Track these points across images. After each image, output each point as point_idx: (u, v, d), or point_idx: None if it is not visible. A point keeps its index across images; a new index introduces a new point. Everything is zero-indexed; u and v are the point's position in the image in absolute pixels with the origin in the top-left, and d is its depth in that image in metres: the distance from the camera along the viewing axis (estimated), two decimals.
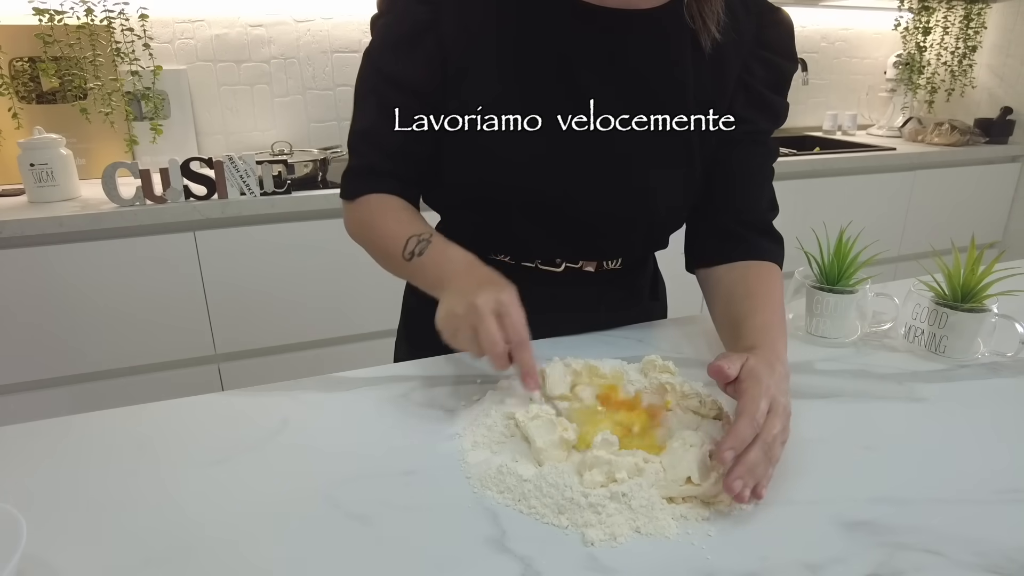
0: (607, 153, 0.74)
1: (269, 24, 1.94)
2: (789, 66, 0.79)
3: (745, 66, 0.76)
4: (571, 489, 0.52)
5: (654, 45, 0.73)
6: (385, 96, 0.75)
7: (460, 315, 0.61)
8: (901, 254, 2.41)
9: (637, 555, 0.47)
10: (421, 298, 0.72)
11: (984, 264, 0.77)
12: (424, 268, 0.70)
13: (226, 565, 0.47)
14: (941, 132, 2.42)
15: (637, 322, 0.89)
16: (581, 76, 0.72)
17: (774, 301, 0.73)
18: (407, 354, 0.86)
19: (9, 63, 1.67)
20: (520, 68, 0.72)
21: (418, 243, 0.71)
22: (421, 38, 0.72)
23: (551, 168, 0.74)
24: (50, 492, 0.54)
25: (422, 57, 0.72)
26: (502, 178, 0.75)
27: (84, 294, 1.48)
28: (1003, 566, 0.46)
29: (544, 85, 0.72)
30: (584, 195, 0.75)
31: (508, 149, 0.73)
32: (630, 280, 0.88)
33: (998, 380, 0.73)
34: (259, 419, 0.65)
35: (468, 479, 0.55)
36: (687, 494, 0.52)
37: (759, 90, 0.78)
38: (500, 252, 0.81)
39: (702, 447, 0.53)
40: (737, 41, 0.75)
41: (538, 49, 0.72)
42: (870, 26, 2.77)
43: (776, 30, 0.77)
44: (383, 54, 0.74)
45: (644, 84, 0.73)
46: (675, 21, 0.72)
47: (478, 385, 0.71)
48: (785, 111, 0.81)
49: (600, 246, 0.81)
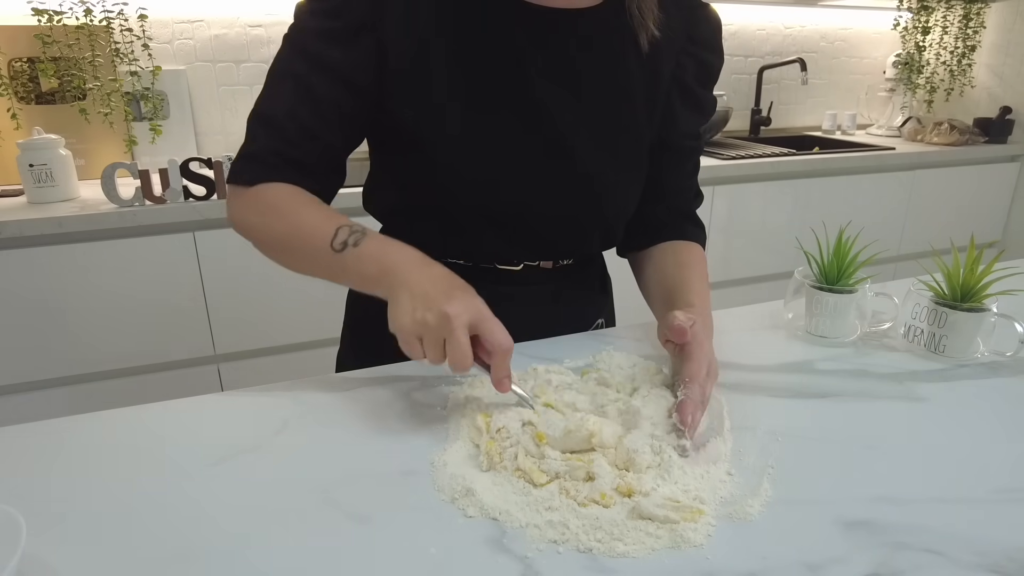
0: (562, 157, 0.74)
1: (268, 24, 1.94)
2: (717, 61, 0.82)
3: (678, 62, 0.78)
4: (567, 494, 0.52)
5: (600, 44, 0.73)
6: (307, 79, 0.69)
7: (431, 324, 0.57)
8: (901, 254, 2.42)
9: (637, 555, 0.47)
10: (366, 303, 0.70)
11: (983, 264, 0.77)
12: (361, 260, 0.64)
13: (226, 565, 0.47)
14: (940, 132, 2.42)
15: (591, 316, 0.91)
16: (532, 80, 0.71)
17: (702, 272, 0.80)
18: (354, 364, 0.78)
19: (8, 63, 1.67)
20: (468, 73, 0.71)
21: (351, 233, 0.65)
22: (359, 35, 0.69)
23: (504, 173, 0.74)
24: (50, 492, 0.54)
25: (358, 52, 0.69)
26: (456, 186, 0.74)
27: (84, 294, 1.48)
28: (1003, 566, 0.46)
29: (494, 91, 0.71)
30: (540, 199, 0.75)
31: (461, 157, 0.72)
32: (583, 275, 0.89)
33: (998, 380, 0.73)
34: (259, 419, 0.65)
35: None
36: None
37: (690, 86, 0.80)
38: (457, 256, 0.79)
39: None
40: (669, 37, 0.76)
41: (486, 53, 0.71)
42: (869, 26, 2.77)
43: (705, 26, 0.79)
44: (314, 38, 0.69)
45: (594, 84, 0.74)
46: (617, 20, 0.73)
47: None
48: (713, 106, 0.85)
49: (558, 246, 0.82)
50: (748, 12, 2.52)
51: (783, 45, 2.65)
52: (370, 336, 0.88)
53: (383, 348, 0.76)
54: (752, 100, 2.63)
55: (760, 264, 2.18)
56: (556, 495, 0.52)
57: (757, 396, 0.69)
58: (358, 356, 0.83)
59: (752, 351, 0.79)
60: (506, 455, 0.56)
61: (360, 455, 0.59)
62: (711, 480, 0.54)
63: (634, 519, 0.50)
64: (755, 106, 2.62)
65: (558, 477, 0.54)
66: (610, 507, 0.51)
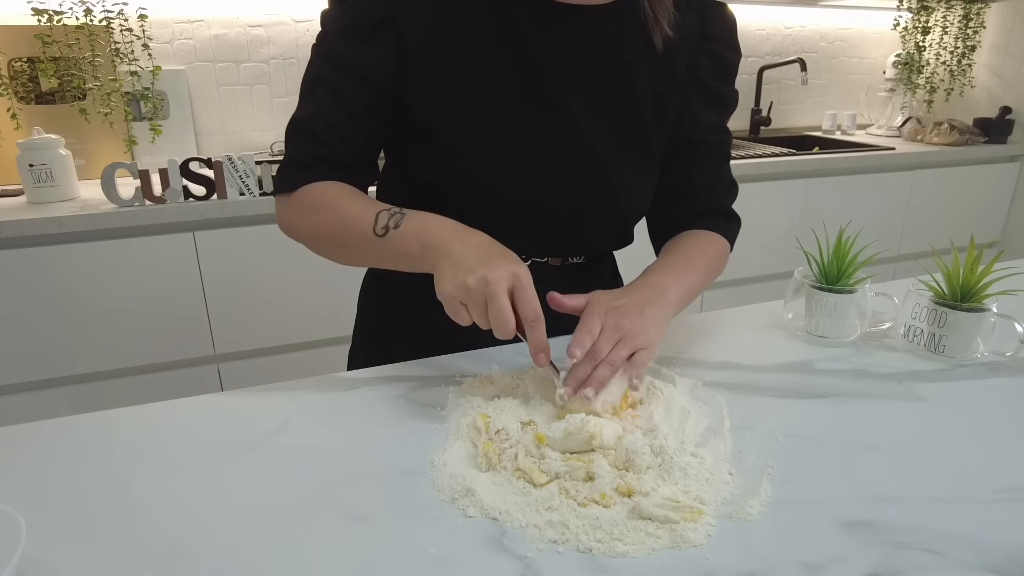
0: (576, 153, 0.75)
1: (268, 24, 1.94)
2: (735, 56, 0.82)
3: (693, 59, 0.78)
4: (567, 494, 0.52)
5: (611, 39, 0.74)
6: (334, 82, 0.72)
7: (472, 288, 0.59)
8: (900, 254, 2.42)
9: (637, 555, 0.47)
10: (381, 304, 0.69)
11: (983, 264, 0.77)
12: (404, 240, 0.66)
13: (226, 565, 0.47)
14: (940, 132, 2.42)
15: None
16: (548, 76, 0.72)
17: (698, 256, 0.80)
18: (365, 363, 0.79)
19: (8, 63, 1.67)
20: (484, 70, 0.72)
21: (391, 216, 0.67)
22: (378, 31, 0.70)
23: (518, 168, 0.74)
24: (50, 492, 0.54)
25: (377, 48, 0.70)
26: (470, 179, 0.74)
27: (83, 294, 1.48)
28: (1003, 566, 0.46)
29: (509, 86, 0.72)
30: (553, 194, 0.76)
31: (475, 150, 0.73)
32: (592, 275, 0.89)
33: (998, 380, 0.73)
34: (259, 419, 0.65)
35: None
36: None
37: (708, 81, 0.80)
38: None
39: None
40: (683, 36, 0.76)
41: (498, 48, 0.71)
42: (869, 26, 2.77)
43: (720, 23, 0.80)
44: (335, 42, 0.72)
45: (608, 82, 0.74)
46: (631, 17, 0.74)
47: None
48: (735, 98, 0.85)
49: (568, 242, 0.82)
50: (748, 12, 2.52)
51: (783, 45, 2.65)
52: (381, 335, 0.88)
53: (393, 348, 0.76)
54: (752, 100, 2.63)
55: (760, 264, 2.18)
56: (556, 495, 0.52)
57: (757, 396, 0.69)
58: (371, 353, 0.85)
59: (752, 351, 0.79)
60: (505, 456, 0.56)
61: (360, 455, 0.59)
62: (712, 480, 0.54)
63: (634, 519, 0.50)
64: (755, 106, 2.62)
65: (558, 477, 0.54)
66: (610, 507, 0.51)
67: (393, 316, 0.88)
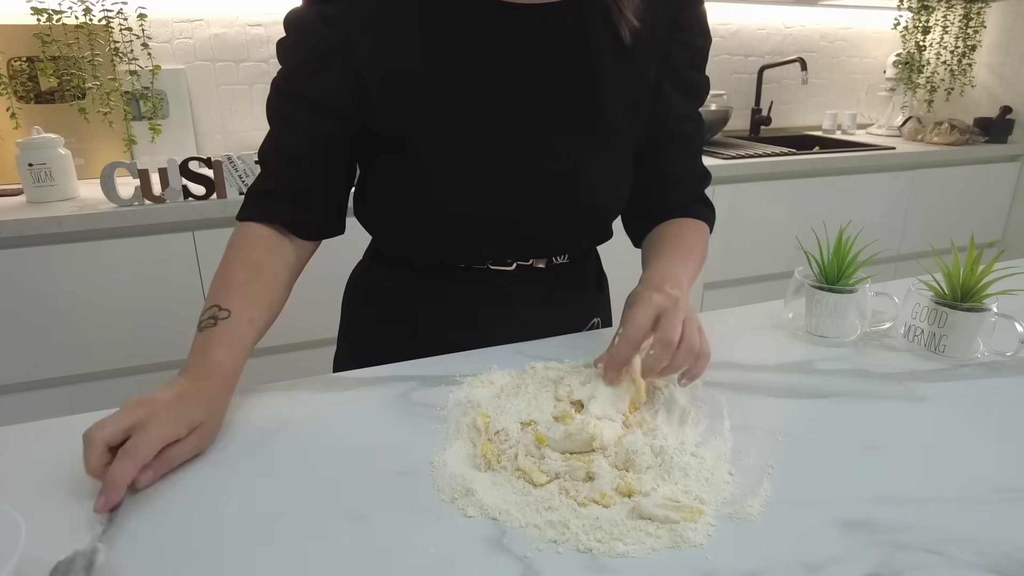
0: (549, 155, 0.74)
1: (268, 23, 1.94)
2: (705, 43, 0.82)
3: (665, 51, 0.78)
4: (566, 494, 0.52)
5: (578, 38, 0.73)
6: (291, 116, 0.73)
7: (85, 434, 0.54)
8: (901, 253, 2.41)
9: (637, 555, 0.47)
10: (362, 308, 0.69)
11: (984, 263, 0.77)
12: (192, 342, 0.67)
13: (226, 565, 0.47)
14: (940, 131, 2.42)
15: (587, 314, 0.90)
16: (512, 80, 0.72)
17: (692, 245, 0.81)
18: (352, 364, 0.78)
19: (7, 63, 1.67)
20: (446, 78, 0.71)
21: (210, 317, 0.68)
22: (329, 59, 0.71)
23: (490, 174, 0.74)
24: (50, 492, 0.54)
25: (330, 77, 0.71)
26: (443, 188, 0.74)
27: (83, 294, 1.48)
28: (1003, 566, 0.46)
29: (474, 93, 0.72)
30: (529, 198, 0.76)
31: (445, 160, 0.73)
32: (578, 273, 0.89)
33: (998, 379, 0.73)
34: (259, 419, 0.65)
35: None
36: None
37: (683, 72, 0.80)
38: (449, 259, 0.80)
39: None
40: (653, 27, 0.76)
41: (462, 56, 0.71)
42: (869, 25, 2.77)
43: (690, 10, 0.79)
44: (289, 75, 0.73)
45: (575, 80, 0.74)
46: (594, 12, 0.73)
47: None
48: (707, 86, 0.85)
49: (550, 244, 0.82)
50: (748, 12, 2.52)
51: (783, 45, 2.65)
52: (367, 342, 0.88)
53: (380, 354, 0.76)
54: (752, 100, 2.63)
55: (760, 264, 2.18)
56: (556, 495, 0.52)
57: (757, 396, 0.69)
58: (358, 359, 0.83)
59: (752, 351, 0.79)
60: (504, 456, 0.56)
61: (360, 455, 0.59)
62: (712, 480, 0.54)
63: (634, 519, 0.50)
64: (755, 106, 2.62)
65: (558, 477, 0.54)
66: (610, 507, 0.51)
67: (379, 323, 0.88)
